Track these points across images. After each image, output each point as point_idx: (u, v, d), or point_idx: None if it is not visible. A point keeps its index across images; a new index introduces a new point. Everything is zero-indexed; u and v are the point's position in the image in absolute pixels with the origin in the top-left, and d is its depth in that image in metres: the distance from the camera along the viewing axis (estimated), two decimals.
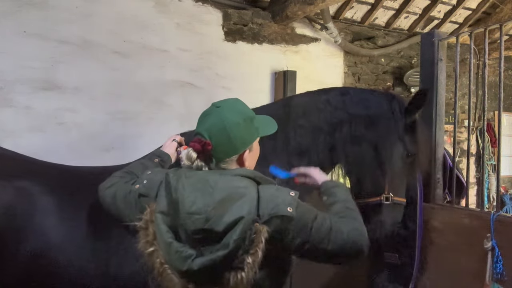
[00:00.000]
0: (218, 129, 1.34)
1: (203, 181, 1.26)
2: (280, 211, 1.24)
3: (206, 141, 1.32)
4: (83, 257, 1.58)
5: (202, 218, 1.20)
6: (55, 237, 1.56)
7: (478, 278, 1.91)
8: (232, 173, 1.31)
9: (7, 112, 3.40)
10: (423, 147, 2.18)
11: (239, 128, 1.36)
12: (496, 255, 1.85)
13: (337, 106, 2.06)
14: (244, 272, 1.18)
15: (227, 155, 1.36)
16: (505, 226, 1.86)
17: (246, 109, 1.45)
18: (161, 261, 1.22)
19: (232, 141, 1.34)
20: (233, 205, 1.20)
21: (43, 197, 1.60)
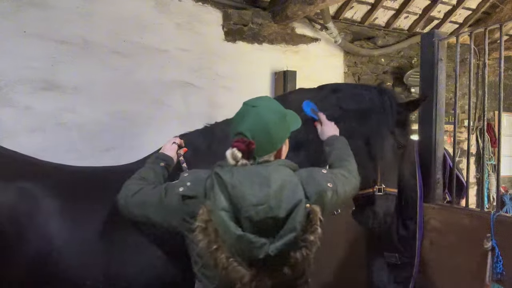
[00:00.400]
0: (259, 129, 1.43)
1: (257, 174, 1.35)
2: (323, 188, 1.44)
3: (249, 140, 1.40)
4: (85, 258, 1.58)
5: (266, 207, 1.28)
6: (58, 239, 1.55)
7: (478, 278, 1.91)
8: (275, 164, 1.42)
9: (7, 112, 3.40)
10: (409, 137, 2.29)
11: (277, 126, 1.47)
12: (496, 255, 1.85)
13: (330, 102, 2.12)
14: (308, 250, 1.31)
15: (267, 152, 1.46)
16: (505, 226, 1.86)
17: (280, 107, 1.55)
18: (226, 255, 1.28)
19: (272, 139, 1.45)
20: (288, 192, 1.33)
21: (46, 198, 1.60)
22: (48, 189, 1.63)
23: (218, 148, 1.87)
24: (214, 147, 1.89)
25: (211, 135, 1.94)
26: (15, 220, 1.51)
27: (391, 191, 2.15)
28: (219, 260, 1.28)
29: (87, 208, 1.66)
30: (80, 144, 3.64)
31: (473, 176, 5.91)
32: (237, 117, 1.50)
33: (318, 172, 1.50)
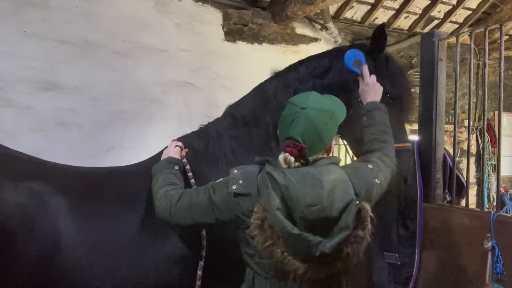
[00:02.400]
0: (310, 133, 1.45)
1: (310, 175, 1.38)
2: (372, 185, 1.49)
3: (301, 145, 1.42)
4: (94, 257, 1.58)
5: (320, 208, 1.34)
6: (66, 238, 1.56)
7: (478, 278, 1.91)
8: (324, 163, 1.44)
9: (7, 112, 3.40)
10: (403, 85, 2.10)
11: (328, 127, 1.49)
12: (496, 255, 1.85)
13: (301, 78, 2.01)
14: (359, 245, 1.35)
15: (318, 152, 1.48)
16: (505, 226, 1.86)
17: (327, 105, 1.54)
18: (282, 250, 1.34)
19: (323, 140, 1.48)
20: (340, 191, 1.37)
21: (54, 197, 1.60)
22: (57, 188, 1.64)
23: (214, 148, 1.89)
24: (210, 148, 1.89)
25: (206, 136, 1.95)
26: (25, 219, 1.52)
27: (400, 146, 1.95)
28: (274, 254, 1.34)
29: (96, 208, 1.67)
30: (80, 144, 3.64)
31: (473, 176, 5.91)
32: (286, 120, 1.51)
33: (365, 168, 1.54)
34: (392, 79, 2.05)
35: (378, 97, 1.87)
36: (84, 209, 1.64)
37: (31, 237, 1.51)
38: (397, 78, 2.07)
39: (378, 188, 1.52)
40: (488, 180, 5.98)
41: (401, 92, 2.06)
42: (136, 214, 1.70)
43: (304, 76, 1.99)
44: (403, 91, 2.07)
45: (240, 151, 1.88)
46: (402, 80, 2.11)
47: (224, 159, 1.86)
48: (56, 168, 1.81)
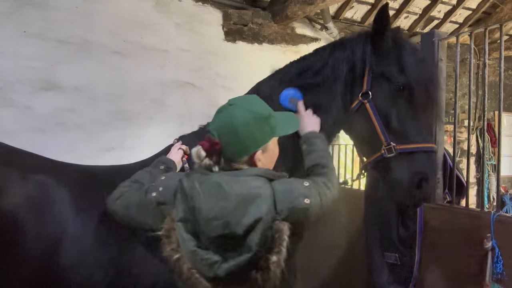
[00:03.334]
0: (227, 129, 1.32)
1: (217, 186, 1.25)
2: (298, 205, 1.27)
3: (215, 140, 1.31)
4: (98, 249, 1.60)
5: (222, 223, 1.20)
6: (72, 228, 1.58)
7: (478, 278, 1.91)
8: (245, 174, 1.30)
9: (7, 112, 3.40)
10: (416, 72, 1.80)
11: (249, 127, 1.32)
12: (496, 255, 1.85)
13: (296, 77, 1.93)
14: (271, 271, 1.19)
15: (237, 155, 1.33)
16: (505, 226, 1.86)
17: (260, 108, 1.39)
18: (188, 266, 1.23)
19: (241, 141, 1.31)
20: (250, 207, 1.21)
21: (60, 189, 1.63)
22: (63, 181, 1.67)
23: None
24: None
25: (204, 136, 1.95)
26: (33, 209, 1.55)
27: (408, 148, 1.75)
28: (183, 270, 1.23)
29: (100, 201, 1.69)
30: (80, 144, 3.64)
31: (473, 176, 5.92)
32: (215, 114, 1.40)
33: (298, 185, 1.32)
34: (401, 64, 1.81)
35: (317, 129, 1.76)
36: (88, 201, 1.67)
37: (39, 226, 1.54)
38: (408, 63, 1.80)
39: (309, 209, 1.28)
40: (488, 180, 5.98)
41: (411, 80, 1.78)
42: None
43: (298, 75, 1.92)
44: (414, 79, 1.79)
45: None
46: (414, 65, 1.81)
47: None
48: (61, 164, 1.84)
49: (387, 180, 1.83)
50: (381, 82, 1.82)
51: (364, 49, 1.85)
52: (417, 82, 1.79)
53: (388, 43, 1.83)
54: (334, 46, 1.95)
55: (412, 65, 1.80)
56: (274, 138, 1.41)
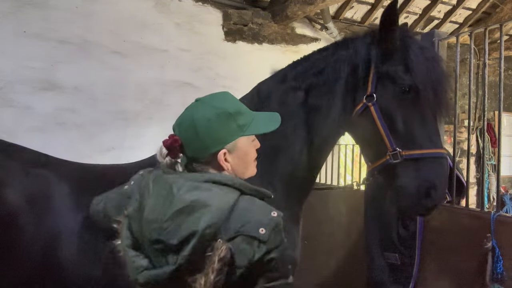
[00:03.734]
0: (186, 125, 1.23)
1: (168, 187, 1.14)
2: (248, 231, 1.07)
3: (175, 136, 1.22)
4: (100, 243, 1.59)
5: (157, 227, 1.10)
6: (72, 223, 1.59)
7: (478, 278, 1.91)
8: (204, 178, 1.16)
9: (7, 112, 3.40)
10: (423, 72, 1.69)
11: (210, 123, 1.20)
12: (496, 255, 1.85)
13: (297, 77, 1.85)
14: None
15: (198, 154, 1.21)
16: (505, 226, 1.86)
17: (226, 104, 1.25)
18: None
19: (200, 138, 1.19)
20: (190, 217, 1.08)
21: (62, 184, 1.65)
22: (63, 175, 1.68)
23: None
24: None
25: None
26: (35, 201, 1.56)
27: (413, 153, 1.66)
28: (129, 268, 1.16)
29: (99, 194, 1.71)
30: (80, 144, 3.64)
31: (473, 176, 5.91)
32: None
33: (263, 210, 1.12)
34: (407, 63, 1.70)
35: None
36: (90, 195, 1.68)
37: (42, 218, 1.55)
38: (414, 62, 1.69)
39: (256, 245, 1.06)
40: (488, 180, 5.98)
41: (418, 81, 1.68)
42: None
43: (301, 75, 1.85)
44: (421, 80, 1.68)
45: None
46: (421, 64, 1.69)
47: None
48: (62, 161, 1.86)
49: (393, 187, 1.74)
50: (386, 84, 1.73)
51: (369, 48, 1.76)
52: (424, 83, 1.67)
53: (394, 41, 1.72)
54: (338, 45, 1.88)
55: (419, 65, 1.69)
56: (247, 138, 1.26)
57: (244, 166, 1.27)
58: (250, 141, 1.29)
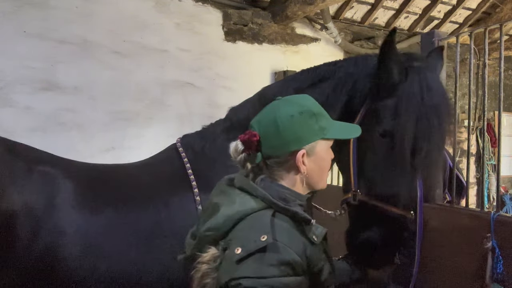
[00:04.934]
0: (267, 120, 1.17)
1: (217, 186, 1.28)
2: (229, 245, 1.07)
3: (253, 132, 1.17)
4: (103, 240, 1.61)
5: (199, 221, 1.25)
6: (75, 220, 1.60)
7: (478, 278, 1.91)
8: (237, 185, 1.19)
9: (7, 112, 3.40)
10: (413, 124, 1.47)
11: (292, 120, 1.15)
12: (496, 255, 1.84)
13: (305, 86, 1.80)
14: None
15: (275, 151, 1.16)
16: (505, 226, 1.86)
17: (310, 103, 1.21)
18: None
19: (281, 134, 1.14)
20: (206, 217, 1.18)
21: (66, 180, 1.65)
22: (67, 173, 1.69)
23: (210, 150, 1.88)
24: (206, 149, 1.90)
25: (205, 137, 1.95)
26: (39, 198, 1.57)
27: (369, 202, 1.55)
28: None
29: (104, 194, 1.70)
30: (80, 144, 3.64)
31: (473, 176, 5.91)
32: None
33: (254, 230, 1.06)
34: (399, 106, 1.50)
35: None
36: (93, 192, 1.69)
37: (45, 214, 1.55)
38: (407, 108, 1.48)
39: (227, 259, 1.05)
40: (488, 180, 5.98)
41: (396, 126, 1.49)
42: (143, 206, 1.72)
43: (302, 86, 1.81)
44: (402, 129, 1.48)
45: None
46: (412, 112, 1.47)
47: (219, 160, 1.86)
48: (63, 159, 1.86)
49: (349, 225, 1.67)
50: (372, 121, 1.56)
51: (366, 77, 1.64)
52: (404, 138, 1.47)
53: (390, 76, 1.55)
54: (346, 65, 1.78)
55: (406, 115, 1.48)
56: (325, 142, 1.20)
57: (319, 174, 1.22)
58: (328, 147, 1.23)
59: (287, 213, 1.11)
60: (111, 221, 1.64)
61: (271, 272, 0.98)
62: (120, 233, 1.64)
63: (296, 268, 1.01)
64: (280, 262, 0.99)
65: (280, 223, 1.08)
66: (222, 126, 1.96)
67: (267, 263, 0.99)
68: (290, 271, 1.00)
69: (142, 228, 1.66)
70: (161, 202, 1.73)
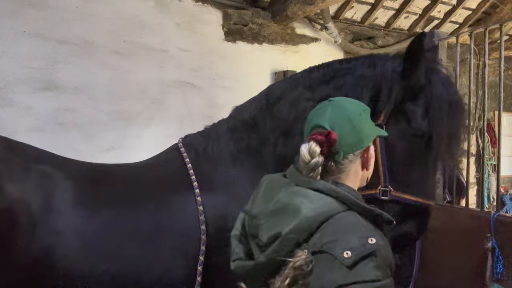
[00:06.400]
0: (341, 119, 1.17)
1: (274, 188, 1.18)
2: (331, 249, 0.99)
3: (330, 131, 1.14)
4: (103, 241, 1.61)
5: (256, 223, 1.16)
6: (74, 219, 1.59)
7: (478, 278, 1.91)
8: (309, 185, 1.12)
9: (7, 112, 3.40)
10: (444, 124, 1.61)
11: (361, 118, 1.19)
12: (496, 255, 1.85)
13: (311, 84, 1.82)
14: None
15: (352, 148, 1.17)
16: (505, 226, 1.86)
17: (361, 103, 1.28)
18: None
19: (357, 132, 1.16)
20: (281, 219, 1.08)
21: (64, 180, 1.65)
22: (66, 172, 1.68)
23: (213, 149, 1.88)
24: (209, 149, 1.89)
25: (207, 137, 1.95)
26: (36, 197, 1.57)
27: (402, 197, 1.64)
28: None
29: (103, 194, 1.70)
30: (80, 144, 3.64)
31: (473, 176, 5.91)
32: (313, 113, 1.25)
33: (359, 232, 1.02)
34: (428, 108, 1.63)
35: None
36: (93, 192, 1.68)
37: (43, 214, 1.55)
38: (436, 111, 1.62)
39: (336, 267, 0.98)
40: (488, 180, 5.98)
41: (434, 131, 1.61)
42: (144, 207, 1.71)
43: (319, 83, 1.81)
44: (438, 132, 1.61)
45: (238, 155, 1.86)
46: (442, 115, 1.62)
47: (222, 161, 1.86)
48: (63, 158, 1.86)
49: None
50: (399, 120, 1.67)
51: (394, 77, 1.68)
52: (440, 136, 1.61)
53: (419, 78, 1.64)
54: (363, 62, 1.81)
55: (440, 115, 1.61)
56: (376, 137, 1.28)
57: (370, 170, 1.26)
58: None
59: (370, 214, 1.12)
60: (111, 221, 1.64)
61: (379, 275, 0.98)
62: (120, 233, 1.63)
63: (392, 269, 1.04)
64: (385, 264, 1.01)
65: (370, 224, 1.09)
66: (225, 126, 1.95)
67: (376, 266, 0.98)
68: (390, 272, 1.03)
69: (143, 228, 1.66)
70: (162, 202, 1.72)
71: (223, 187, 1.78)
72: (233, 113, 2.01)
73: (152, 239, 1.66)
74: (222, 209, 1.71)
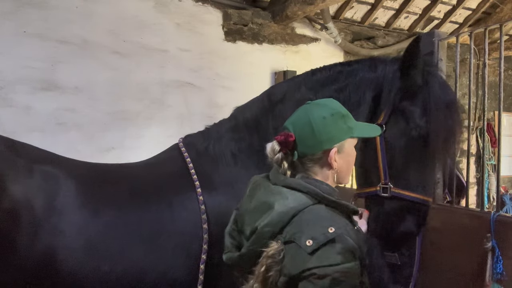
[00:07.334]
0: (302, 122, 1.30)
1: (257, 187, 1.33)
2: (297, 239, 1.14)
3: (289, 133, 1.29)
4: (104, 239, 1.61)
5: (243, 219, 1.32)
6: (77, 220, 1.59)
7: (478, 278, 1.91)
8: (283, 183, 1.27)
9: (7, 112, 3.40)
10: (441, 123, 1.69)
11: (325, 122, 1.28)
12: (496, 255, 1.84)
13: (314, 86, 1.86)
14: (252, 280, 1.22)
15: (310, 150, 1.28)
16: (505, 226, 1.86)
17: (338, 106, 1.35)
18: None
19: (315, 135, 1.27)
20: (259, 215, 1.24)
21: (68, 180, 1.65)
22: (69, 172, 1.69)
23: (214, 149, 1.88)
24: (210, 149, 1.89)
25: (208, 137, 1.95)
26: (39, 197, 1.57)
27: (402, 193, 1.70)
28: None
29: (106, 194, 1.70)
30: (80, 144, 3.64)
31: (473, 176, 5.91)
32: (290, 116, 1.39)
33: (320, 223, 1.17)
34: (426, 109, 1.71)
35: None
36: (96, 192, 1.68)
37: (46, 215, 1.55)
38: (433, 111, 1.69)
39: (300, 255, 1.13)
40: (488, 180, 5.98)
41: (431, 131, 1.69)
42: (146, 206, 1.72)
43: (317, 85, 1.85)
44: (435, 131, 1.68)
45: (240, 154, 1.86)
46: (439, 115, 1.69)
47: (223, 160, 1.86)
48: (65, 158, 1.86)
49: (375, 215, 1.79)
50: (399, 120, 1.74)
51: (394, 79, 1.76)
52: (437, 135, 1.68)
53: (416, 79, 1.73)
54: (364, 65, 1.86)
55: (437, 114, 1.69)
56: (351, 141, 1.34)
57: (347, 169, 1.36)
58: (353, 145, 1.36)
59: (336, 205, 1.26)
60: (114, 221, 1.64)
61: (339, 260, 1.11)
62: (123, 232, 1.63)
63: (355, 254, 1.15)
64: (345, 250, 1.13)
65: (335, 215, 1.23)
66: (227, 126, 1.95)
67: (336, 252, 1.12)
68: (352, 257, 1.14)
69: (145, 228, 1.66)
70: (163, 201, 1.73)
71: (224, 186, 1.79)
72: (234, 113, 2.01)
73: (154, 238, 1.66)
74: (223, 208, 1.71)
